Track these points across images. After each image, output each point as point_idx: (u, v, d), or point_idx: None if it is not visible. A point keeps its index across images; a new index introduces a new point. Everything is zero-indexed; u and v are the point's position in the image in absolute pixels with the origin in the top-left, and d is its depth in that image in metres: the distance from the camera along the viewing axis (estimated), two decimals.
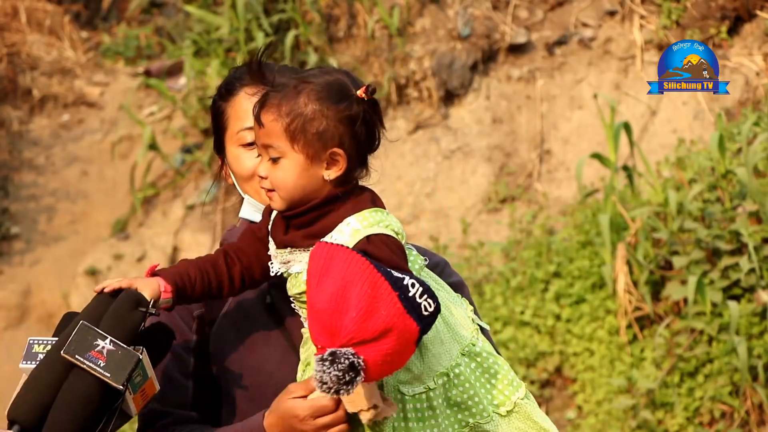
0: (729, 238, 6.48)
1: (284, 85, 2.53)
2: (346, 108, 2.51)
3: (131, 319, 2.36)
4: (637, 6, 8.25)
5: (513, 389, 2.59)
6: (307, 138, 2.50)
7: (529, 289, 7.19)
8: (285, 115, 2.50)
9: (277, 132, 2.50)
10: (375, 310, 2.32)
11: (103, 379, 2.30)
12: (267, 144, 2.52)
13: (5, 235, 9.06)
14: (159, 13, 11.08)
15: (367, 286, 2.33)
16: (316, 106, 2.50)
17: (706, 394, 6.44)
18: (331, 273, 2.35)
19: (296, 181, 2.52)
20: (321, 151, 2.51)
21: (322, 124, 2.50)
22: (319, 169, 2.52)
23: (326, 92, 2.51)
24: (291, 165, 2.51)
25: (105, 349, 2.32)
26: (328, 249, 2.39)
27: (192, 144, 9.25)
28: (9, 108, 9.88)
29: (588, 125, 8.15)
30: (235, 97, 2.79)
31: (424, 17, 8.67)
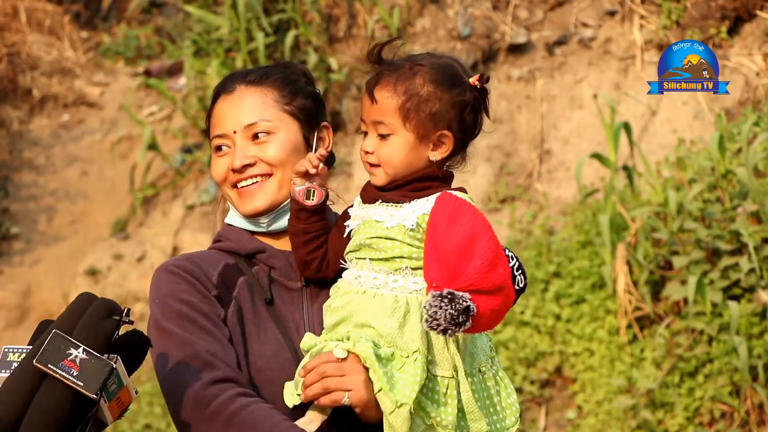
0: (729, 238, 6.48)
1: (399, 65, 2.65)
2: (460, 93, 2.60)
3: (104, 327, 2.34)
4: (637, 6, 8.25)
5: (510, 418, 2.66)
6: (420, 118, 2.58)
7: (529, 289, 7.19)
8: (401, 94, 2.59)
9: (391, 109, 2.59)
10: (496, 265, 2.40)
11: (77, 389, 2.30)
12: (378, 120, 2.61)
13: (5, 235, 9.06)
14: (159, 13, 11.08)
15: (493, 242, 2.42)
16: (431, 88, 2.59)
17: (706, 394, 6.44)
18: (461, 220, 2.43)
19: (403, 159, 2.60)
20: (431, 132, 2.60)
21: (436, 105, 2.58)
22: (425, 149, 2.61)
23: (441, 76, 2.60)
24: (400, 142, 2.60)
25: (78, 358, 2.30)
26: (456, 199, 2.49)
27: (192, 144, 9.25)
28: (9, 108, 9.88)
29: (588, 125, 8.15)
30: (216, 104, 2.86)
31: (424, 17, 8.67)
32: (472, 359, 2.59)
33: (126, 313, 2.37)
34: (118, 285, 8.57)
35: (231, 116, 2.80)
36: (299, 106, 2.84)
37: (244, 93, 2.81)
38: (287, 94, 2.83)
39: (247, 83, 2.83)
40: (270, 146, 2.79)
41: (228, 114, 2.81)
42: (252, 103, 2.81)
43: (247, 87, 2.82)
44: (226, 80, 2.87)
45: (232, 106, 2.81)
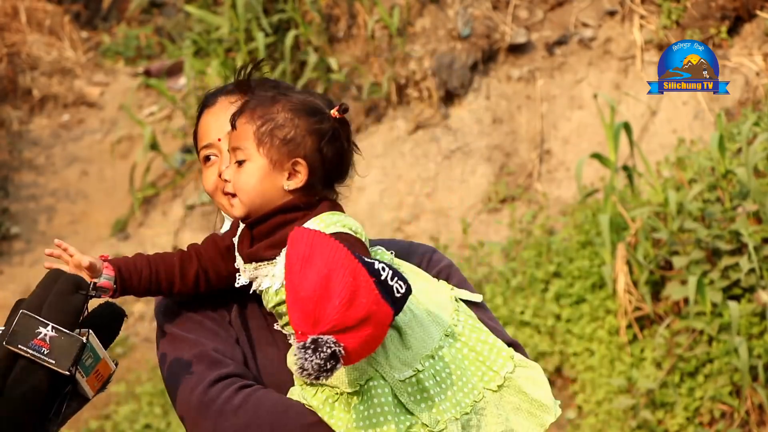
0: (729, 238, 6.48)
1: (263, 95, 2.61)
2: (317, 122, 2.56)
3: (72, 303, 2.36)
4: (637, 6, 8.25)
5: (502, 364, 2.61)
6: (274, 143, 2.55)
7: (529, 289, 7.19)
8: (257, 119, 2.56)
9: (247, 134, 2.56)
10: (356, 297, 2.35)
11: (48, 367, 2.31)
12: (236, 146, 2.59)
13: (5, 235, 9.06)
14: (159, 13, 11.08)
15: (349, 274, 2.36)
16: (288, 115, 2.56)
17: (706, 394, 6.44)
18: (314, 260, 2.37)
19: (256, 185, 2.56)
20: (285, 159, 2.55)
21: (291, 132, 2.55)
22: (280, 177, 2.56)
23: (300, 105, 2.57)
24: (254, 168, 2.56)
25: (48, 336, 2.31)
26: (309, 234, 2.41)
27: (192, 144, 9.25)
28: (9, 108, 9.88)
29: (588, 125, 8.15)
30: (199, 120, 2.89)
31: (424, 17, 8.67)
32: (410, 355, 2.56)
33: (92, 287, 2.39)
34: None
35: (215, 126, 2.82)
36: None
37: (225, 102, 2.84)
38: None
39: (226, 93, 2.86)
40: None
41: (212, 124, 2.83)
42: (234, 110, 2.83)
43: (227, 97, 2.85)
44: (207, 97, 2.91)
45: (215, 117, 2.83)
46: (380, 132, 8.53)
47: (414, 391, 2.53)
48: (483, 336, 2.64)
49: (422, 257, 2.84)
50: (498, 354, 2.62)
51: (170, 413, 7.57)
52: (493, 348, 2.63)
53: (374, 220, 8.06)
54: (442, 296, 2.69)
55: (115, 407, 7.55)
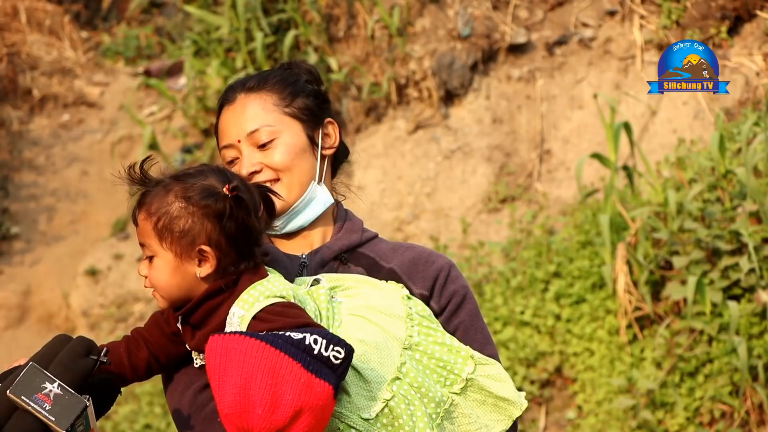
0: (729, 238, 6.48)
1: (158, 184, 2.58)
2: (211, 204, 2.51)
3: (82, 365, 2.36)
4: (637, 6, 8.25)
5: (462, 365, 2.60)
6: (174, 236, 2.52)
7: (529, 289, 7.19)
8: (153, 214, 2.54)
9: (148, 231, 2.55)
10: (280, 397, 2.32)
11: (47, 423, 2.30)
12: (142, 243, 2.57)
13: (5, 235, 9.06)
14: (159, 13, 11.08)
15: (267, 375, 2.32)
16: (181, 204, 2.52)
17: (706, 394, 6.44)
18: (229, 371, 2.34)
19: (169, 280, 2.53)
20: (189, 249, 2.52)
21: (188, 222, 2.51)
22: (190, 267, 2.53)
23: (192, 190, 2.52)
24: (163, 264, 2.53)
25: (52, 393, 2.31)
26: (221, 342, 2.37)
27: (192, 144, 9.25)
28: (9, 108, 9.88)
29: (588, 125, 8.15)
30: (220, 115, 2.87)
31: (424, 17, 8.67)
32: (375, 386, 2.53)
33: (104, 354, 2.38)
34: (118, 285, 8.57)
35: (234, 126, 2.81)
36: (300, 107, 2.83)
37: (245, 101, 2.82)
38: (287, 96, 2.83)
39: (246, 91, 2.83)
40: (275, 152, 2.80)
41: (231, 124, 2.82)
42: (252, 111, 2.81)
43: (247, 95, 2.83)
44: (227, 91, 2.88)
45: (234, 116, 2.82)
46: (380, 132, 8.53)
47: (388, 422, 2.50)
48: (439, 338, 2.63)
49: (440, 270, 2.81)
50: (457, 355, 2.61)
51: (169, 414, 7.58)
52: (451, 350, 2.62)
53: (374, 220, 8.06)
54: (394, 302, 2.65)
55: (115, 407, 7.56)
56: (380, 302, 2.63)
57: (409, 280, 2.78)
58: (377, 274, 2.77)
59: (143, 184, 2.63)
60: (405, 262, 2.81)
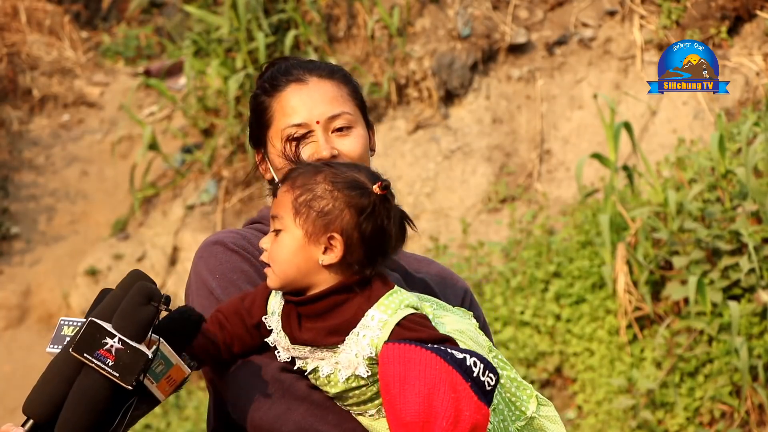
0: (729, 238, 6.48)
1: (309, 165, 2.53)
2: (357, 196, 2.46)
3: (142, 314, 2.34)
4: (637, 6, 8.25)
5: (527, 403, 2.61)
6: (310, 215, 2.46)
7: (529, 289, 7.19)
8: (296, 188, 2.48)
9: (286, 203, 2.48)
10: (460, 413, 2.32)
11: (112, 379, 2.30)
12: (275, 214, 2.50)
13: (5, 235, 9.06)
14: (159, 13, 11.08)
15: (450, 389, 2.33)
16: (327, 186, 2.46)
17: (706, 394, 6.44)
18: (411, 380, 2.34)
19: (291, 258, 2.47)
20: (320, 232, 2.45)
21: (329, 204, 2.45)
22: (315, 251, 2.46)
23: (342, 178, 2.47)
24: (289, 239, 2.47)
25: (114, 348, 2.30)
26: (400, 351, 2.36)
27: (192, 144, 9.25)
28: (9, 108, 9.88)
29: (588, 125, 8.15)
30: (281, 92, 2.78)
31: (424, 17, 8.67)
32: None
33: (165, 300, 2.35)
34: None
35: (312, 106, 2.75)
36: (362, 105, 2.82)
37: (321, 85, 2.77)
38: (354, 90, 2.81)
39: (318, 75, 2.77)
40: (351, 140, 2.75)
41: (307, 103, 2.75)
42: (332, 95, 2.76)
43: (321, 79, 2.77)
44: (288, 69, 2.80)
45: (310, 96, 2.75)
46: (380, 132, 8.53)
47: None
48: (511, 372, 2.63)
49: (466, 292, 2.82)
50: (524, 392, 2.62)
51: (170, 413, 7.57)
52: (520, 386, 2.62)
53: None
54: (475, 331, 2.65)
55: None
56: (465, 327, 2.62)
57: (441, 294, 2.77)
58: (411, 283, 2.75)
59: (294, 162, 2.57)
60: (433, 274, 2.81)
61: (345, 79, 2.81)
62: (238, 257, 2.71)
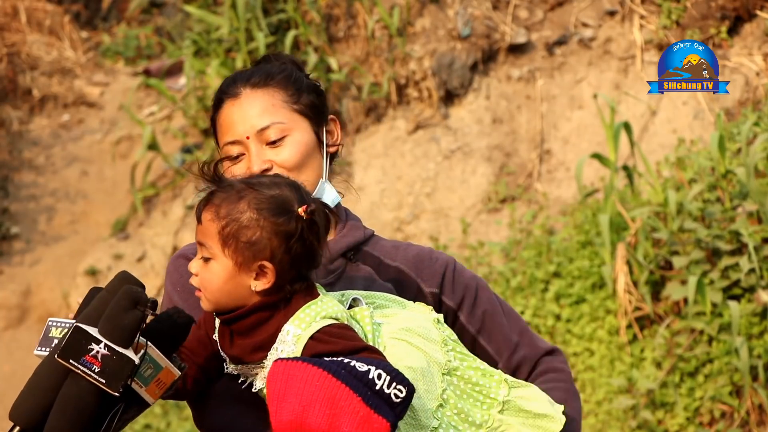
0: (729, 238, 6.48)
1: (231, 187, 2.49)
2: (284, 223, 2.45)
3: (129, 319, 2.32)
4: (637, 6, 8.25)
5: (496, 388, 2.58)
6: (238, 245, 2.45)
7: (529, 289, 7.19)
8: (222, 218, 2.46)
9: (212, 233, 2.46)
10: (337, 428, 2.29)
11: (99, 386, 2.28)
12: (201, 242, 2.49)
13: (5, 235, 9.06)
14: (159, 13, 11.08)
15: (326, 405, 2.30)
16: (253, 215, 2.45)
17: (706, 394, 6.44)
18: (288, 397, 2.32)
19: (222, 286, 2.47)
20: (250, 261, 2.45)
21: (256, 233, 2.44)
22: (246, 278, 2.46)
23: (267, 203, 2.46)
24: (219, 269, 2.47)
25: (100, 354, 2.28)
26: (284, 368, 2.34)
27: (192, 144, 9.25)
28: (9, 108, 9.88)
29: (588, 125, 8.15)
30: (221, 110, 2.79)
31: (424, 17, 8.67)
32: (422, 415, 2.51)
33: (151, 305, 2.34)
34: None
35: (241, 121, 2.74)
36: (306, 104, 2.77)
37: (251, 96, 2.75)
38: (293, 93, 2.77)
39: (251, 86, 2.76)
40: (285, 149, 2.73)
41: (238, 119, 2.74)
42: (261, 107, 2.74)
43: (253, 90, 2.75)
44: (227, 85, 2.79)
45: (241, 112, 2.74)
46: (380, 132, 8.53)
47: None
48: (473, 363, 2.61)
49: (446, 266, 2.78)
50: (491, 379, 2.60)
51: (170, 413, 7.57)
52: (485, 374, 2.60)
53: (374, 219, 8.06)
54: (428, 325, 2.62)
55: None
56: (415, 324, 2.60)
57: (417, 277, 2.76)
58: (384, 274, 2.75)
59: (215, 183, 2.53)
60: (409, 258, 2.79)
61: (284, 83, 2.77)
62: None
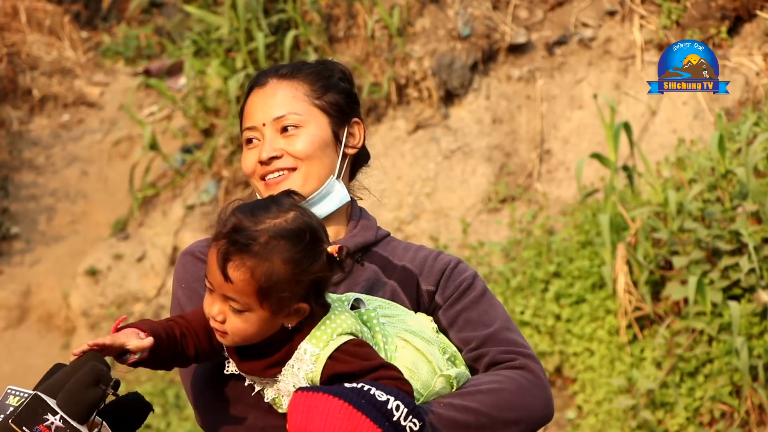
0: (729, 238, 6.48)
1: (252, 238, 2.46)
2: (319, 270, 2.47)
3: (89, 396, 2.32)
4: (637, 6, 8.25)
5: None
6: (277, 298, 2.46)
7: (529, 289, 7.19)
8: (257, 279, 2.45)
9: (248, 292, 2.45)
10: None
11: None
12: (231, 297, 2.47)
13: (5, 235, 9.06)
14: (159, 13, 11.08)
15: None
16: (289, 269, 2.45)
17: (706, 394, 6.44)
18: (310, 429, 2.36)
19: (257, 332, 2.49)
20: (286, 307, 2.48)
21: (293, 286, 2.46)
22: (281, 319, 2.49)
23: (300, 253, 2.46)
24: (255, 319, 2.48)
25: (54, 426, 2.28)
26: (306, 400, 2.38)
27: (192, 144, 9.25)
28: (9, 108, 9.88)
29: (588, 125, 8.15)
30: (248, 97, 2.87)
31: (424, 17, 8.67)
32: None
33: (114, 385, 2.34)
34: (118, 285, 8.57)
35: (261, 109, 2.81)
36: (330, 101, 2.83)
37: (276, 86, 2.82)
38: (318, 89, 2.82)
39: (279, 77, 2.83)
40: (298, 140, 2.79)
41: (259, 107, 2.81)
42: (283, 96, 2.81)
43: (279, 80, 2.82)
44: (259, 74, 2.87)
45: (264, 99, 2.81)
46: (380, 132, 8.53)
47: None
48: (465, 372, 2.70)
49: (447, 265, 2.82)
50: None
51: (170, 413, 7.57)
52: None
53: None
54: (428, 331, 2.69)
55: None
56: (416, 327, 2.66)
57: (420, 275, 2.79)
58: (390, 272, 2.78)
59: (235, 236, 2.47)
60: (416, 259, 2.82)
61: (312, 77, 2.84)
62: (204, 265, 2.73)
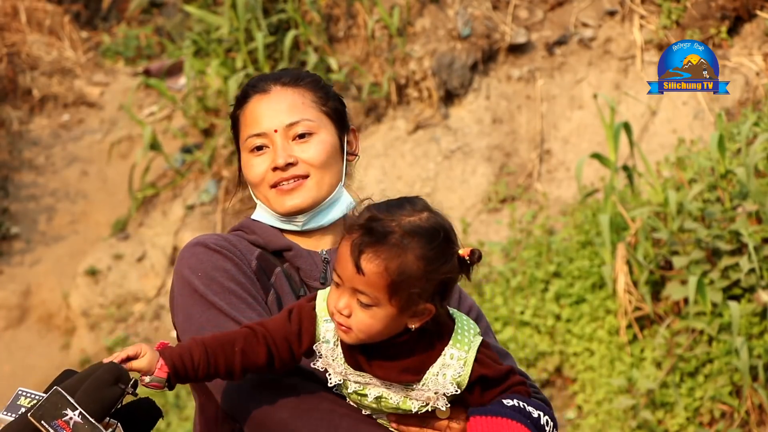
0: (729, 238, 6.48)
1: (387, 233, 2.50)
2: (450, 271, 2.53)
3: (107, 394, 2.36)
4: (637, 6, 8.25)
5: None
6: (407, 296, 2.49)
7: (529, 289, 7.19)
8: (392, 273, 2.48)
9: (379, 286, 2.48)
10: None
11: None
12: (361, 291, 2.50)
13: (5, 235, 9.06)
14: (159, 13, 11.08)
15: None
16: (422, 266, 2.49)
17: (706, 394, 6.44)
18: None
19: (382, 329, 2.52)
20: (414, 305, 2.51)
21: (423, 284, 2.50)
22: (406, 318, 2.52)
23: (433, 251, 2.51)
24: (382, 314, 2.51)
25: (72, 421, 2.32)
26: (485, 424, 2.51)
27: (192, 144, 9.25)
28: (9, 108, 9.88)
29: (588, 125, 8.15)
30: (247, 104, 2.84)
31: (424, 17, 8.67)
32: None
33: (133, 384, 2.38)
34: (118, 285, 8.57)
35: (270, 115, 2.80)
36: (333, 108, 2.85)
37: (282, 93, 2.82)
38: (322, 96, 2.85)
39: (282, 84, 2.83)
40: (311, 147, 2.80)
41: (266, 113, 2.80)
42: (291, 103, 2.81)
43: (284, 87, 2.82)
44: (255, 81, 2.86)
45: (270, 106, 2.80)
46: (380, 132, 8.53)
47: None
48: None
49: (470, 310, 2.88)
50: None
51: (170, 413, 7.57)
52: None
53: None
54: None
55: None
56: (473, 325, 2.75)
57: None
58: None
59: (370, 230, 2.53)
60: None
61: (313, 86, 2.85)
62: (220, 256, 2.74)
